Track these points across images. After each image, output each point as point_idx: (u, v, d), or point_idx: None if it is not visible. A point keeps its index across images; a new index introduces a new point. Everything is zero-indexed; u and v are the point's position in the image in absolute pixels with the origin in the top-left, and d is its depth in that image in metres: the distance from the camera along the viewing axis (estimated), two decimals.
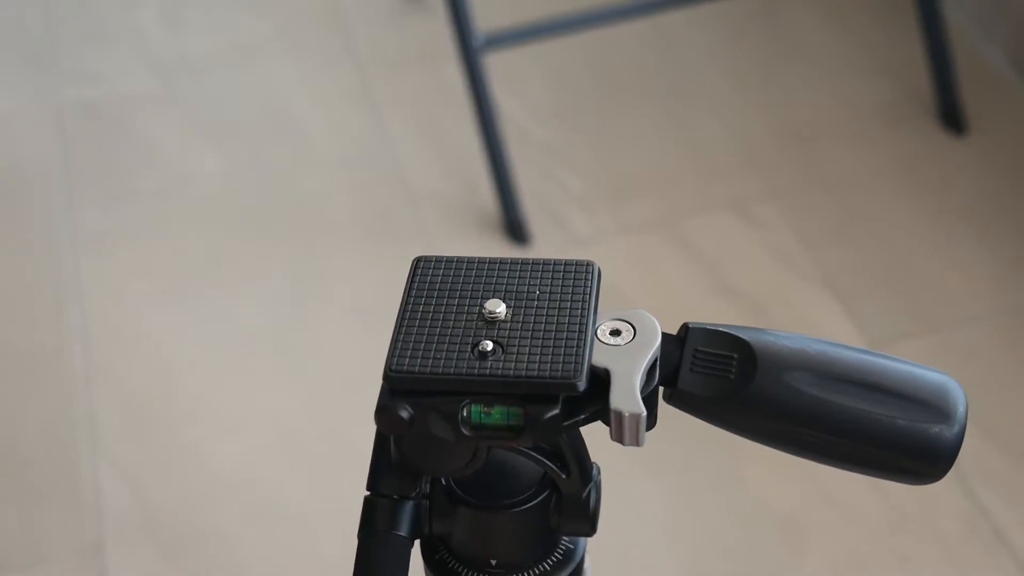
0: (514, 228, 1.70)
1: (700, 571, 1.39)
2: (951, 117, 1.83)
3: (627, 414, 0.52)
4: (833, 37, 2.01)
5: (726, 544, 1.40)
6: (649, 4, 1.75)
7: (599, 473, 0.60)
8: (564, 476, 0.58)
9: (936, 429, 0.53)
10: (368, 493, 0.59)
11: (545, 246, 1.70)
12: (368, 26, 2.06)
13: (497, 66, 1.81)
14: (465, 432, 0.54)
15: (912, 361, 0.55)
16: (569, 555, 0.63)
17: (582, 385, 0.53)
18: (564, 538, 0.63)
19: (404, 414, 0.54)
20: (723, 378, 0.54)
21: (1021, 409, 1.52)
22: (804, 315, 1.62)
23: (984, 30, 1.96)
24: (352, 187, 1.80)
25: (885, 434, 0.53)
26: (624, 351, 0.55)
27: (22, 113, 1.93)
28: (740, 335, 0.55)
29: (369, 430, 0.57)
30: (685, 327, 0.56)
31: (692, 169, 1.81)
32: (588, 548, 0.64)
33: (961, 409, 0.54)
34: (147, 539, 1.41)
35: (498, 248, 1.69)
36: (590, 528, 0.60)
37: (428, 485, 0.60)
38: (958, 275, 1.66)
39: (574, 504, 0.59)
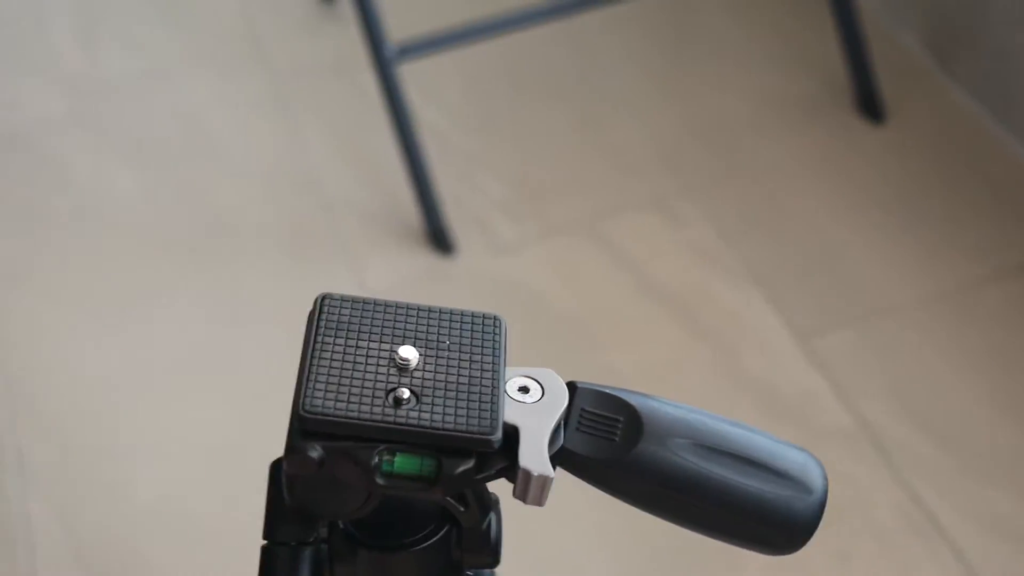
0: (437, 237, 1.69)
1: (631, 575, 1.39)
2: (869, 105, 1.84)
3: (535, 474, 0.52)
4: (746, 30, 2.01)
5: (657, 546, 1.40)
6: (562, 6, 1.74)
7: (498, 503, 0.60)
8: (462, 509, 0.57)
9: (800, 503, 0.56)
10: (265, 542, 0.58)
11: (469, 254, 1.69)
12: (280, 37, 2.04)
13: (413, 73, 1.80)
14: (378, 480, 0.53)
15: (779, 438, 0.57)
16: None
17: (497, 441, 0.53)
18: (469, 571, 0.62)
19: (315, 455, 0.53)
20: (608, 440, 0.55)
21: (947, 397, 1.53)
22: (730, 311, 1.62)
23: (897, 16, 1.97)
24: (271, 201, 1.78)
25: (755, 506, 0.55)
26: (532, 409, 0.55)
27: None
28: (628, 399, 0.56)
29: None
30: (573, 386, 0.57)
31: (612, 169, 1.81)
32: (515, 549, 0.63)
33: (822, 484, 0.57)
34: (79, 571, 1.39)
35: (422, 258, 1.68)
36: (493, 559, 0.60)
37: (326, 529, 0.59)
38: (881, 265, 1.67)
39: (475, 537, 0.59)
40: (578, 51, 1.99)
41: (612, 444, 0.55)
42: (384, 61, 1.63)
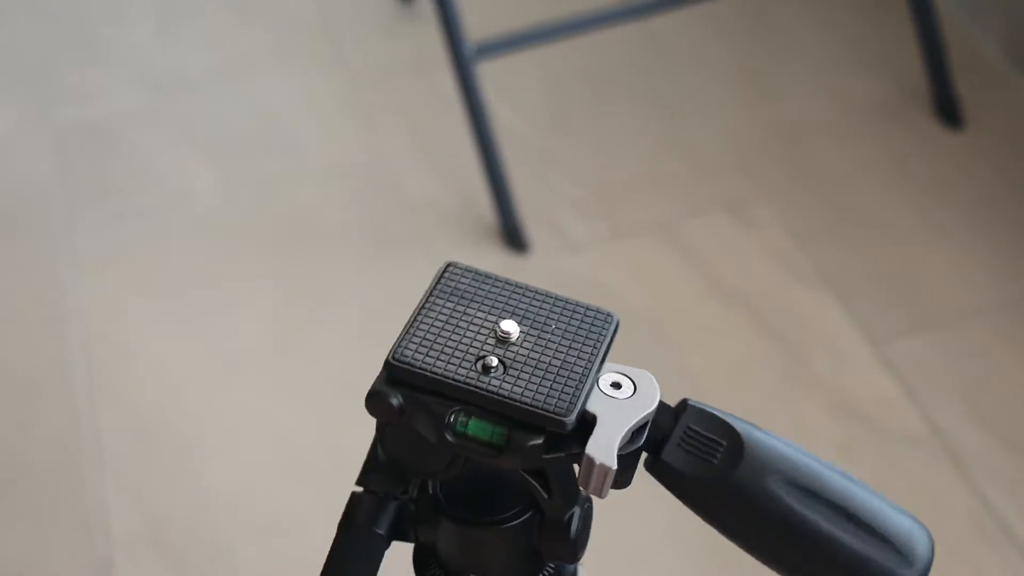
0: (511, 235, 1.70)
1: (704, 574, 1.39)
2: (947, 111, 1.83)
3: (598, 463, 0.52)
4: (823, 35, 2.00)
5: (731, 547, 1.39)
6: (638, 8, 1.75)
7: (589, 502, 0.60)
8: (546, 496, 0.57)
9: (897, 571, 0.53)
10: (356, 489, 0.60)
11: (543, 252, 1.70)
12: (360, 36, 2.06)
13: (489, 73, 1.81)
14: (448, 438, 0.54)
15: (888, 499, 0.54)
16: (559, 573, 0.63)
17: (570, 424, 0.53)
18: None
19: (394, 402, 0.54)
20: (707, 462, 0.54)
21: (1021, 404, 1.51)
22: (802, 315, 1.62)
23: (978, 21, 1.95)
24: (348, 198, 1.80)
25: (846, 562, 0.53)
26: (618, 404, 0.55)
27: (18, 134, 1.93)
28: (734, 425, 0.55)
29: (370, 439, 0.58)
30: (684, 403, 0.57)
31: (686, 171, 1.81)
32: (589, 550, 0.63)
33: (926, 558, 0.53)
34: (155, 556, 1.41)
35: (496, 255, 1.69)
36: (571, 555, 0.59)
37: (416, 490, 0.61)
38: (956, 270, 1.66)
39: (555, 528, 0.59)
40: (652, 52, 1.99)
41: (709, 465, 0.54)
42: (463, 60, 1.64)
